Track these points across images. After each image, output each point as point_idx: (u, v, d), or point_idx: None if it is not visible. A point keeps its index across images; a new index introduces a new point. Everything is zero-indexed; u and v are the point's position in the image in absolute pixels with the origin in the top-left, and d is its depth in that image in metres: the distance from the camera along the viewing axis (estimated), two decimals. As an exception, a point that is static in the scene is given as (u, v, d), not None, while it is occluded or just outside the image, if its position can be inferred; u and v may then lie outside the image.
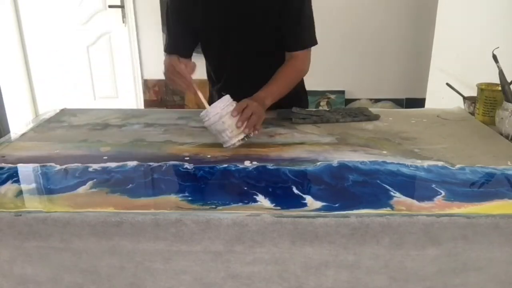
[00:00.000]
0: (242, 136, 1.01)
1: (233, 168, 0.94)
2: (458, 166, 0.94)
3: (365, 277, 0.77)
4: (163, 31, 3.07)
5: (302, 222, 0.74)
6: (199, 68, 1.12)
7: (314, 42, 1.29)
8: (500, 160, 0.97)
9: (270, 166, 0.94)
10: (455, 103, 1.44)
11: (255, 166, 0.95)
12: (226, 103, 1.01)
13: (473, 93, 1.37)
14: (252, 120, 1.02)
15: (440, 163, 0.95)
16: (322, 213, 0.75)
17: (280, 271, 0.77)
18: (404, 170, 0.92)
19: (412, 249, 0.75)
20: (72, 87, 3.38)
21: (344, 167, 0.94)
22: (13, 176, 0.92)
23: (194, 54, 1.32)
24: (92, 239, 0.76)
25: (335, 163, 0.96)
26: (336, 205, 0.78)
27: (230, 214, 0.75)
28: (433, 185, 0.85)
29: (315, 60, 1.32)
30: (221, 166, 0.95)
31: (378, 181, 0.87)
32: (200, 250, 0.76)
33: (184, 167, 0.95)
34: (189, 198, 0.81)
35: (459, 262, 0.76)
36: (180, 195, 0.82)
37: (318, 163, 0.96)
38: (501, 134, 1.15)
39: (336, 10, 3.09)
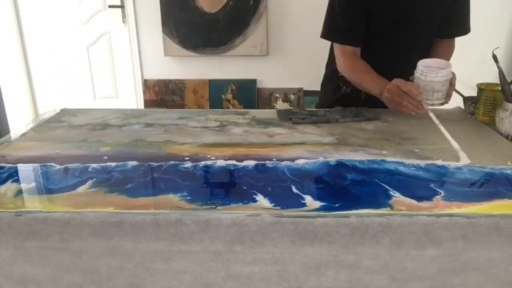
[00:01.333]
0: (442, 101, 1.10)
1: (233, 168, 0.94)
2: (457, 166, 0.94)
3: (365, 277, 0.77)
4: (163, 31, 3.06)
5: (302, 222, 0.74)
6: (197, 69, 1.12)
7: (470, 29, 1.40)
8: (500, 160, 0.97)
9: (269, 165, 0.95)
10: (455, 103, 1.43)
11: (254, 165, 0.95)
12: (450, 70, 1.07)
13: (473, 93, 1.37)
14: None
15: (439, 163, 0.95)
16: (322, 213, 0.75)
17: (280, 271, 0.77)
18: (404, 169, 0.92)
19: (412, 249, 0.75)
20: (72, 87, 3.37)
21: (343, 167, 0.94)
22: (13, 176, 0.92)
23: (193, 54, 1.32)
24: (92, 239, 0.76)
25: (334, 162, 0.96)
26: (336, 205, 0.78)
27: (230, 214, 0.75)
28: (433, 185, 0.85)
29: (315, 60, 1.32)
30: (220, 166, 0.95)
31: (377, 181, 0.87)
32: (200, 250, 0.76)
33: (184, 166, 0.95)
34: (189, 198, 0.81)
35: (459, 262, 0.76)
36: (180, 194, 0.82)
37: (318, 163, 0.96)
38: (501, 134, 1.15)
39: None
